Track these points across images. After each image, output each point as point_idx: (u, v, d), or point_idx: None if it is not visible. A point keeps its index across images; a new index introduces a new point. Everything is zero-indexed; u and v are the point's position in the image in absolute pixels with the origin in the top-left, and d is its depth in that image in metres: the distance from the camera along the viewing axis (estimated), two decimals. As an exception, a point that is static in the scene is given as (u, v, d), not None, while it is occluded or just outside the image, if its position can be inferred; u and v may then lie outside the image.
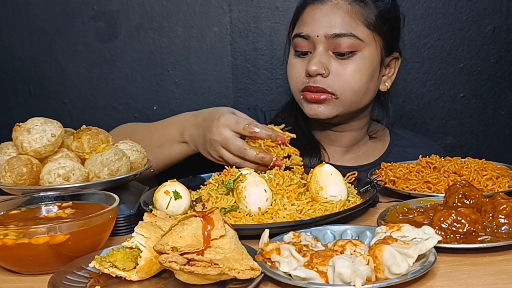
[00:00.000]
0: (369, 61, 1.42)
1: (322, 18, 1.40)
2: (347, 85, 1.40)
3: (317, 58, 1.39)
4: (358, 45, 1.39)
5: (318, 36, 1.39)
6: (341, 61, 1.40)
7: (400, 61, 1.53)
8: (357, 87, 1.41)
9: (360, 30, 1.40)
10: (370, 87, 1.44)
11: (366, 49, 1.41)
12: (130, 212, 1.05)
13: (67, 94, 2.00)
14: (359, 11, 1.40)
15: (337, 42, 1.38)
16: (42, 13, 1.95)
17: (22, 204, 0.99)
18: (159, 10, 1.94)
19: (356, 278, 0.73)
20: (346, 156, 1.56)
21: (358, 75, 1.40)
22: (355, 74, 1.40)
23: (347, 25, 1.39)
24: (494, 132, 2.03)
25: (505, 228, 0.92)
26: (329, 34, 1.38)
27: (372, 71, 1.43)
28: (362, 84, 1.41)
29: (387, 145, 1.60)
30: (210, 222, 0.82)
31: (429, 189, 1.19)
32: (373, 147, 1.59)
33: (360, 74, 1.40)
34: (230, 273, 0.76)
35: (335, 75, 1.39)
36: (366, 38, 1.40)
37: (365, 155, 1.57)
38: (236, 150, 1.22)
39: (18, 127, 1.09)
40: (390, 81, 1.51)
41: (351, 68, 1.39)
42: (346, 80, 1.39)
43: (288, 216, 1.02)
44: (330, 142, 1.55)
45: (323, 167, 1.09)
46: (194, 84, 1.98)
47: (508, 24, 1.95)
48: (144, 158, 1.19)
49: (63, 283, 0.79)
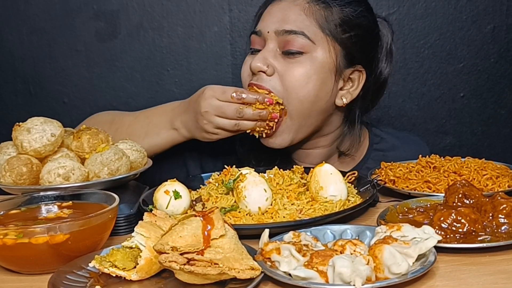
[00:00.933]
0: (319, 65, 1.29)
1: (276, 13, 1.32)
2: (291, 88, 1.28)
3: (262, 54, 1.30)
4: (308, 46, 1.28)
5: (268, 32, 1.31)
6: (287, 61, 1.29)
7: (365, 76, 1.36)
8: (302, 93, 1.29)
9: (312, 31, 1.29)
10: (319, 96, 1.30)
11: (317, 52, 1.29)
12: (130, 212, 1.05)
13: (67, 94, 2.00)
14: (318, 12, 1.30)
15: (286, 39, 1.29)
16: (42, 12, 1.95)
17: (22, 204, 0.99)
18: (159, 10, 1.94)
19: (356, 278, 0.73)
20: None
21: (303, 78, 1.28)
22: (300, 76, 1.28)
23: (300, 22, 1.29)
24: (494, 131, 2.03)
25: (505, 228, 0.92)
26: (278, 30, 1.30)
27: (322, 77, 1.30)
28: (308, 90, 1.29)
29: (365, 150, 1.49)
30: (210, 221, 0.82)
31: (429, 188, 1.19)
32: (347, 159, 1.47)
33: (307, 78, 1.28)
34: (230, 272, 0.76)
35: (280, 75, 1.29)
36: (319, 40, 1.29)
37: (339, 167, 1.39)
38: (232, 112, 1.23)
39: (18, 126, 1.09)
40: (350, 96, 1.36)
41: (297, 70, 1.28)
42: (290, 82, 1.28)
43: (288, 216, 1.02)
44: (301, 159, 1.45)
45: (323, 167, 1.09)
46: (194, 83, 1.98)
47: (508, 23, 1.95)
48: (144, 158, 1.19)
49: (63, 283, 0.79)
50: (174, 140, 1.36)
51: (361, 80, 1.37)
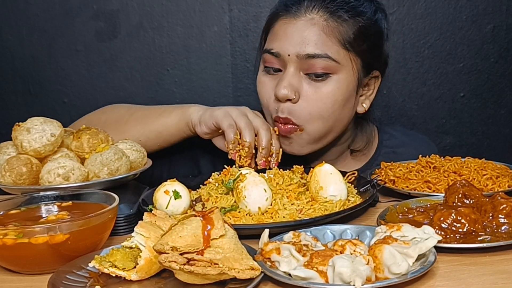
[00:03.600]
0: (345, 85, 1.28)
1: (294, 34, 1.26)
2: (315, 112, 1.27)
3: (287, 80, 1.26)
4: (333, 67, 1.26)
5: (289, 55, 1.26)
6: (313, 84, 1.27)
7: (380, 80, 1.38)
8: (327, 114, 1.28)
9: (335, 51, 1.26)
10: (342, 114, 1.31)
11: (341, 72, 1.27)
12: (129, 212, 1.05)
13: (67, 93, 2.00)
14: (336, 28, 1.26)
15: (310, 63, 1.25)
16: (41, 12, 1.95)
17: (22, 204, 0.99)
18: (158, 10, 1.94)
19: (356, 278, 0.73)
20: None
21: (329, 102, 1.27)
22: (326, 100, 1.27)
23: (322, 44, 1.25)
24: (494, 131, 2.03)
25: (505, 228, 0.92)
26: (301, 54, 1.25)
27: (347, 97, 1.30)
28: (332, 111, 1.28)
29: (375, 147, 1.51)
30: (210, 221, 0.82)
31: (429, 188, 1.19)
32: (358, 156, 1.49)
33: (332, 100, 1.27)
34: (230, 272, 0.76)
35: (305, 100, 1.27)
36: (342, 59, 1.27)
37: (351, 164, 1.48)
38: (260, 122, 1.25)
39: (18, 126, 1.09)
40: (369, 101, 1.38)
41: (323, 93, 1.26)
42: (315, 107, 1.27)
43: (288, 216, 1.02)
44: (313, 157, 1.43)
45: (323, 167, 1.09)
46: (193, 83, 1.98)
47: (508, 23, 1.95)
48: (143, 158, 1.19)
49: (63, 283, 0.79)
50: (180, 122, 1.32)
51: (377, 83, 1.38)
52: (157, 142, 1.35)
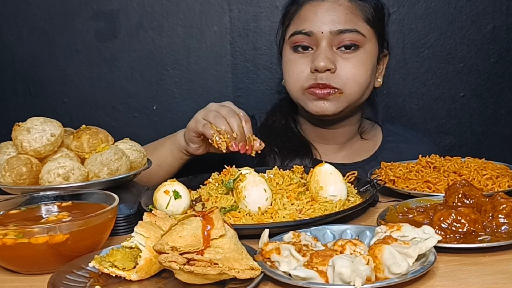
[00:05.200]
0: (371, 56, 1.45)
1: (324, 14, 1.41)
2: (352, 79, 1.41)
3: (324, 54, 1.39)
4: (361, 40, 1.42)
5: (323, 32, 1.40)
6: (345, 56, 1.41)
7: (387, 58, 1.55)
8: (362, 80, 1.43)
9: (361, 26, 1.42)
10: (371, 82, 1.47)
11: (367, 44, 1.43)
12: (129, 212, 1.05)
13: (67, 93, 2.00)
14: (358, 7, 1.43)
15: (341, 38, 1.40)
16: (41, 12, 1.95)
17: (22, 204, 0.99)
18: (158, 10, 1.94)
19: (356, 278, 0.73)
20: (339, 153, 1.56)
21: (362, 69, 1.42)
22: (360, 68, 1.42)
23: (350, 21, 1.41)
24: (494, 131, 2.02)
25: (505, 228, 0.92)
26: (334, 31, 1.40)
27: (373, 66, 1.46)
28: (366, 78, 1.44)
29: (379, 141, 1.61)
30: (210, 221, 0.82)
31: (429, 188, 1.19)
32: (365, 144, 1.60)
33: (365, 68, 1.43)
34: (229, 272, 0.76)
35: (341, 70, 1.40)
36: (367, 33, 1.43)
37: (358, 152, 1.58)
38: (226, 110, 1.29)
39: (18, 126, 1.09)
40: (381, 77, 1.54)
41: (356, 63, 1.42)
42: (351, 74, 1.41)
43: (288, 216, 1.02)
44: (323, 140, 1.55)
45: (323, 167, 1.09)
46: (193, 83, 1.98)
47: (508, 23, 1.95)
48: (144, 158, 1.19)
49: (63, 283, 0.79)
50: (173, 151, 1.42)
51: (386, 60, 1.55)
52: (160, 175, 1.42)
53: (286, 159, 1.46)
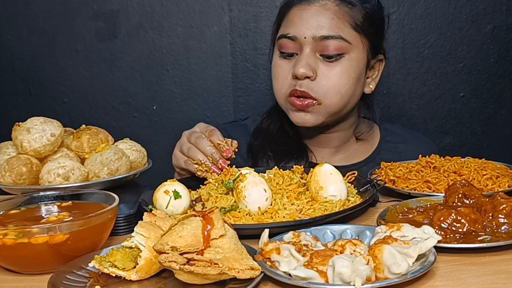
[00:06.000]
0: (356, 63, 1.39)
1: (309, 19, 1.37)
2: (333, 88, 1.37)
3: (305, 60, 1.36)
4: (345, 48, 1.36)
5: (305, 37, 1.36)
6: (328, 64, 1.37)
7: (384, 63, 1.50)
8: (344, 90, 1.38)
9: (347, 32, 1.37)
10: (356, 91, 1.42)
11: (353, 52, 1.38)
12: (129, 212, 1.05)
13: (67, 93, 2.00)
14: (347, 13, 1.38)
15: (324, 44, 1.35)
16: (41, 12, 1.95)
17: (22, 204, 0.99)
18: (158, 10, 1.94)
19: (356, 278, 0.73)
20: (336, 156, 1.55)
21: (344, 78, 1.37)
22: (342, 77, 1.37)
23: (335, 27, 1.36)
24: (494, 131, 2.03)
25: (505, 228, 0.92)
26: (317, 36, 1.35)
27: (359, 74, 1.40)
28: (348, 87, 1.38)
29: (377, 141, 1.58)
30: (210, 221, 0.82)
31: (429, 188, 1.19)
32: (362, 146, 1.57)
33: (347, 77, 1.37)
34: (230, 272, 0.76)
35: (322, 78, 1.36)
36: (354, 40, 1.38)
37: (355, 153, 1.56)
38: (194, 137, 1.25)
39: (18, 126, 1.09)
40: (374, 83, 1.49)
41: (338, 71, 1.37)
42: (332, 83, 1.36)
43: (288, 216, 1.02)
44: (318, 144, 1.53)
45: (323, 167, 1.09)
46: (193, 83, 1.98)
47: (508, 23, 1.95)
48: (144, 158, 1.19)
49: (62, 283, 0.79)
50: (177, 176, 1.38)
51: (381, 66, 1.50)
52: None
53: (280, 163, 1.43)
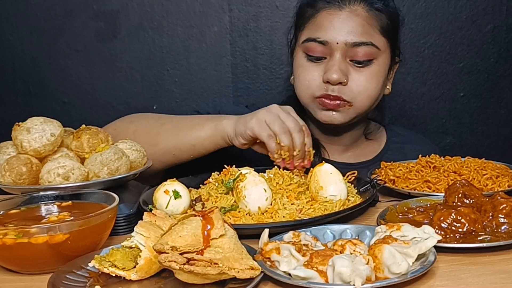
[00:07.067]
0: (384, 67, 1.43)
1: (341, 25, 1.38)
2: (363, 92, 1.40)
3: (337, 66, 1.37)
4: (375, 53, 1.39)
5: (337, 43, 1.37)
6: (358, 69, 1.39)
7: (398, 65, 1.53)
8: (373, 94, 1.42)
9: (377, 38, 1.40)
10: (381, 93, 1.46)
11: (381, 57, 1.41)
12: (129, 212, 1.05)
13: (67, 93, 2.00)
14: (376, 18, 1.40)
15: (355, 50, 1.37)
16: (41, 12, 1.95)
17: (22, 204, 0.99)
18: (158, 10, 1.94)
19: (356, 278, 0.73)
20: (345, 154, 1.57)
21: (374, 83, 1.41)
22: (371, 81, 1.40)
23: (366, 33, 1.38)
24: (494, 131, 2.03)
25: (505, 228, 0.92)
26: (349, 42, 1.37)
27: (384, 78, 1.45)
28: (377, 91, 1.42)
29: (384, 142, 1.61)
30: (210, 221, 0.82)
31: (429, 188, 1.19)
32: (370, 145, 1.60)
33: (376, 81, 1.41)
34: (229, 272, 0.76)
35: (353, 82, 1.39)
36: (382, 45, 1.41)
37: (363, 152, 1.58)
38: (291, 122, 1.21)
39: (18, 126, 1.09)
40: (390, 84, 1.52)
41: (368, 76, 1.40)
42: (363, 88, 1.39)
43: (288, 216, 1.02)
44: (329, 141, 1.55)
45: (322, 167, 1.09)
46: (193, 83, 1.98)
47: (508, 23, 1.95)
48: (143, 158, 1.19)
49: (62, 283, 0.79)
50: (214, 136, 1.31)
51: (396, 67, 1.53)
52: (191, 154, 1.36)
53: None
